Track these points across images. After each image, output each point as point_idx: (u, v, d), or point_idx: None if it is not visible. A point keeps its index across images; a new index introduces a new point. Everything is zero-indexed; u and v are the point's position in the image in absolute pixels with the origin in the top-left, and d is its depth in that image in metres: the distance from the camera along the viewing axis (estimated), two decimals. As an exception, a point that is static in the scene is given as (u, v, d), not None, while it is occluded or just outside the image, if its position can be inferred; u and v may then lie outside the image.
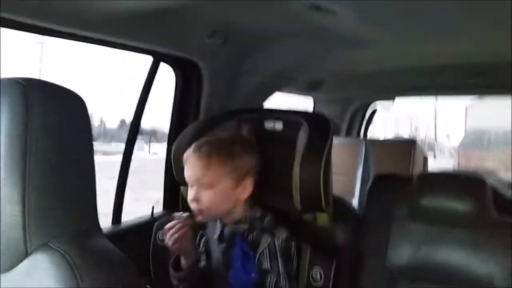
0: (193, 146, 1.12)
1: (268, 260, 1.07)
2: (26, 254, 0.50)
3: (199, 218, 1.10)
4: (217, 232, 1.15)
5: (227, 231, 1.12)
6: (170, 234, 1.07)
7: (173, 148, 1.30)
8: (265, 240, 1.08)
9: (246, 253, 1.08)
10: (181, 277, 1.10)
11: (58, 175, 0.52)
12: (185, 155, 1.12)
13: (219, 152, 1.09)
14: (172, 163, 1.29)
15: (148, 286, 1.20)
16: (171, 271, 1.11)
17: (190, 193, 1.09)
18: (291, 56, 1.63)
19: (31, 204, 0.49)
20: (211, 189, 1.08)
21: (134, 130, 1.48)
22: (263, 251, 1.08)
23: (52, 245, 0.50)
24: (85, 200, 0.56)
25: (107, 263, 0.53)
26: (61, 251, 0.49)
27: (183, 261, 1.10)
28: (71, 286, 0.47)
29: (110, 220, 1.45)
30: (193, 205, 1.09)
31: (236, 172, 1.09)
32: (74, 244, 0.51)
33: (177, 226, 1.07)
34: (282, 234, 1.10)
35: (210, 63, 1.51)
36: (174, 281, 1.12)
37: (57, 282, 0.48)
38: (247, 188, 1.11)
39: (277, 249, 1.08)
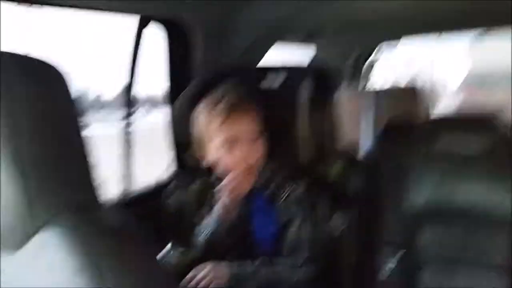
0: (225, 102, 1.07)
1: (289, 210, 1.08)
2: (34, 232, 0.48)
3: (248, 179, 1.07)
4: None
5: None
6: (233, 188, 1.05)
7: (172, 111, 1.26)
8: (285, 192, 1.09)
9: (267, 207, 1.09)
10: (234, 232, 1.08)
11: (50, 147, 0.49)
12: (220, 113, 1.06)
13: (255, 104, 1.09)
14: (173, 127, 1.26)
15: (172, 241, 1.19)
16: (221, 229, 1.08)
17: (239, 150, 1.05)
18: (286, 4, 1.55)
19: (31, 179, 0.47)
20: (257, 142, 1.07)
21: (128, 96, 1.43)
22: (283, 202, 1.09)
23: (59, 220, 0.48)
24: (83, 170, 0.54)
25: (118, 231, 0.51)
26: (69, 225, 0.47)
27: (226, 212, 1.08)
28: (83, 260, 0.45)
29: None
30: (244, 162, 1.05)
31: (263, 125, 1.10)
32: (81, 217, 0.49)
33: (241, 178, 1.05)
34: (300, 185, 1.10)
35: (202, 20, 1.44)
36: None
37: (68, 257, 0.46)
38: (267, 141, 1.11)
39: (297, 198, 1.08)
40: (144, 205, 1.43)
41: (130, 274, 0.47)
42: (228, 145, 1.07)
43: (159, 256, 0.60)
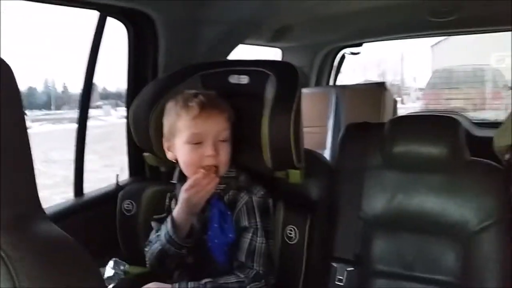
0: (201, 99, 1.03)
1: (246, 217, 1.05)
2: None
3: (215, 180, 1.03)
4: None
5: None
6: (197, 188, 1.00)
7: (130, 111, 1.20)
8: (242, 199, 1.06)
9: (224, 213, 1.05)
10: (187, 244, 1.03)
11: None
12: (194, 108, 1.02)
13: (229, 105, 1.08)
14: (131, 128, 1.20)
15: (115, 259, 1.16)
16: (176, 239, 1.02)
17: (207, 149, 1.02)
18: (253, 3, 1.51)
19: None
20: (227, 143, 1.06)
21: (86, 94, 1.36)
22: (240, 208, 1.05)
23: None
24: (21, 179, 0.49)
25: (49, 251, 0.47)
26: None
27: (183, 222, 1.03)
28: (5, 284, 0.41)
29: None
30: (211, 161, 1.02)
31: (232, 127, 1.09)
32: (8, 233, 0.44)
33: (208, 178, 1.00)
34: (259, 192, 1.08)
35: (165, 13, 1.38)
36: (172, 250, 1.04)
37: None
38: (233, 145, 1.11)
39: (255, 205, 1.05)
40: (100, 207, 1.36)
41: None
42: (195, 142, 1.03)
43: (99, 274, 0.54)
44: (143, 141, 1.18)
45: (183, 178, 1.14)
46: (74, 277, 0.46)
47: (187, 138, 1.03)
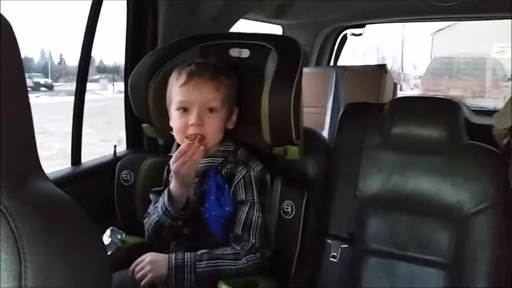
0: (192, 67, 1.04)
1: (243, 190, 1.05)
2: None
3: (199, 150, 1.01)
4: None
5: (199, 166, 1.06)
6: (184, 158, 0.98)
7: (129, 81, 1.19)
8: (240, 172, 1.06)
9: (221, 186, 1.05)
10: (183, 216, 1.03)
11: None
12: (181, 77, 1.03)
13: (224, 75, 1.06)
14: (130, 98, 1.19)
15: (112, 227, 1.16)
16: (172, 211, 1.02)
17: (191, 118, 1.01)
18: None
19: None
20: (216, 113, 1.04)
21: (84, 65, 1.34)
22: (238, 182, 1.05)
23: None
24: (20, 136, 0.49)
25: (49, 208, 0.46)
26: None
27: (178, 194, 1.02)
28: (7, 238, 0.40)
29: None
30: (194, 129, 1.01)
31: (234, 99, 1.09)
32: (8, 190, 0.44)
33: (193, 147, 0.98)
34: (257, 166, 1.08)
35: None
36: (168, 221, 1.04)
37: None
38: (234, 117, 1.11)
39: (253, 179, 1.05)
40: (97, 177, 1.36)
41: (56, 259, 0.42)
42: (183, 109, 1.03)
43: (98, 233, 0.54)
44: (142, 112, 1.17)
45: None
46: (74, 233, 0.46)
47: (175, 105, 1.05)
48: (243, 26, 1.94)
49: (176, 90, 1.04)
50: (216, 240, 1.04)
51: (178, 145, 1.16)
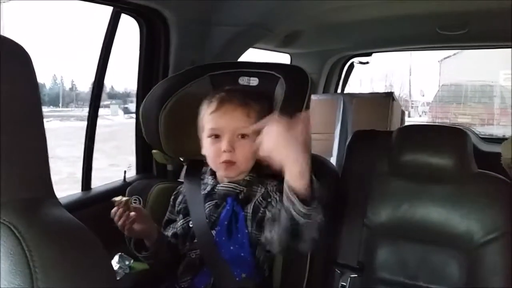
0: (222, 94, 1.05)
1: (264, 204, 1.02)
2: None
3: (229, 173, 1.03)
4: (207, 189, 1.09)
5: (220, 189, 1.06)
6: (115, 222, 1.00)
7: (141, 108, 1.21)
8: (257, 192, 1.05)
9: (237, 214, 1.04)
10: (147, 257, 1.05)
11: (1, 135, 0.45)
12: (212, 104, 1.04)
13: (255, 101, 1.05)
14: (141, 124, 1.21)
15: (121, 253, 1.16)
16: (133, 251, 1.05)
17: (223, 144, 1.01)
18: (266, 4, 1.52)
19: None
20: (247, 140, 1.02)
21: (97, 91, 1.37)
22: (256, 200, 1.04)
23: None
24: (35, 164, 0.50)
25: (62, 234, 0.47)
26: (7, 223, 0.43)
27: (145, 240, 1.04)
28: (20, 261, 0.42)
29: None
30: (225, 156, 1.01)
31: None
32: (23, 215, 0.45)
33: (118, 213, 0.99)
34: (272, 182, 1.06)
35: (178, 12, 1.39)
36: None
37: (4, 260, 0.42)
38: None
39: (271, 193, 1.03)
40: (107, 203, 1.37)
41: (66, 279, 0.43)
42: (215, 136, 1.03)
43: (109, 261, 0.55)
44: (152, 138, 1.19)
45: (190, 176, 1.15)
46: (85, 259, 0.46)
47: (207, 132, 1.05)
48: (252, 55, 1.98)
49: (207, 118, 1.05)
50: (224, 266, 1.03)
51: (187, 171, 1.17)
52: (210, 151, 1.05)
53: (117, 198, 1.01)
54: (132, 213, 0.98)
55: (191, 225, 1.07)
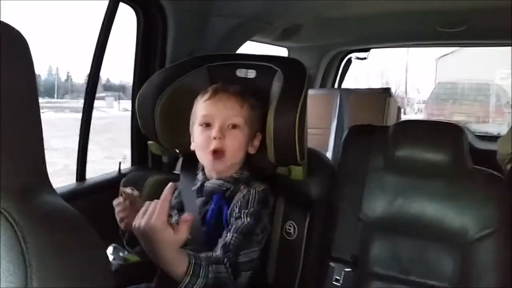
0: (216, 85, 1.06)
1: (240, 208, 1.01)
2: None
3: (217, 166, 1.03)
4: (197, 184, 1.09)
5: (208, 186, 1.06)
6: (116, 212, 1.00)
7: (137, 98, 1.20)
8: (241, 192, 1.04)
9: (222, 209, 1.03)
10: (140, 252, 1.03)
11: (5, 122, 0.45)
12: (207, 93, 1.05)
13: (249, 94, 1.07)
14: (137, 115, 1.20)
15: (115, 244, 1.15)
16: (125, 246, 1.05)
17: (213, 131, 1.01)
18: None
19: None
20: (238, 130, 1.03)
21: (92, 82, 1.36)
22: (237, 201, 1.03)
23: None
24: (30, 152, 0.50)
25: (56, 221, 0.47)
26: (1, 210, 0.43)
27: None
28: (14, 249, 0.41)
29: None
30: (215, 144, 1.01)
31: (256, 122, 1.08)
32: (18, 202, 0.45)
33: (123, 205, 1.00)
34: (258, 186, 1.05)
35: (176, 3, 1.38)
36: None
37: None
38: (257, 142, 1.09)
39: (251, 197, 1.02)
40: (101, 194, 1.36)
41: (60, 267, 0.43)
42: (206, 124, 1.03)
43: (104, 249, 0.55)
44: (148, 129, 1.18)
45: (186, 168, 1.14)
46: (81, 246, 0.46)
47: (199, 120, 1.05)
48: (249, 47, 1.97)
49: (201, 106, 1.05)
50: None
51: (183, 163, 1.17)
52: (199, 139, 1.04)
53: (128, 190, 1.00)
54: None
55: None
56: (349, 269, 1.20)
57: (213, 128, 1.02)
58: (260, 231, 1.00)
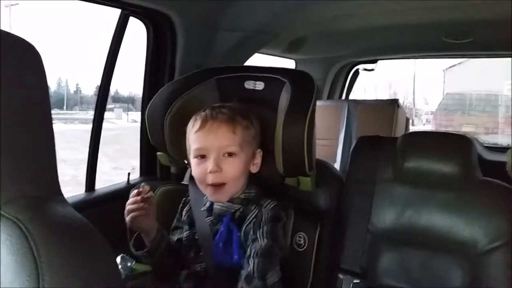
0: (207, 111, 1.01)
1: (255, 230, 1.00)
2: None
3: (219, 198, 1.01)
4: (206, 204, 1.07)
5: (216, 208, 1.04)
6: (127, 208, 0.98)
7: (147, 110, 1.22)
8: (252, 212, 1.01)
9: (231, 232, 1.01)
10: (145, 255, 1.02)
11: (11, 133, 0.46)
12: (197, 122, 1.00)
13: (241, 116, 1.01)
14: (147, 126, 1.21)
15: (123, 254, 1.16)
16: (132, 249, 1.03)
17: (209, 164, 0.97)
18: (272, 10, 1.53)
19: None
20: (235, 158, 0.99)
21: (103, 94, 1.38)
22: (250, 222, 1.01)
23: (4, 212, 0.44)
24: (43, 162, 0.51)
25: (68, 231, 0.48)
26: (13, 218, 0.44)
27: (144, 237, 1.02)
28: (26, 257, 0.42)
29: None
30: (212, 178, 0.97)
31: (254, 140, 1.04)
32: (30, 211, 0.45)
33: (136, 198, 0.97)
34: (269, 204, 1.02)
35: (185, 16, 1.40)
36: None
37: (10, 254, 0.42)
38: (258, 160, 1.06)
39: (263, 219, 1.00)
40: (110, 204, 1.37)
41: (72, 276, 0.43)
42: (200, 157, 1.00)
43: (115, 259, 0.55)
44: (158, 140, 1.19)
45: (194, 180, 1.15)
46: (91, 256, 0.46)
47: (193, 153, 1.01)
48: (257, 60, 1.99)
49: (192, 137, 1.01)
50: (223, 282, 1.00)
51: (192, 175, 1.17)
52: (196, 172, 1.01)
53: (147, 186, 0.99)
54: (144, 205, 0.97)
55: (196, 237, 1.06)
56: (357, 281, 1.19)
57: (208, 160, 0.98)
58: (279, 249, 0.99)
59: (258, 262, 0.95)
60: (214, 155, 0.98)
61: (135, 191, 0.99)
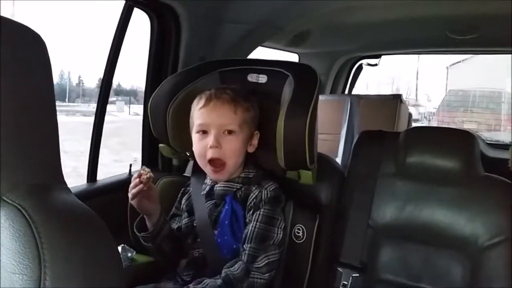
0: (212, 91, 1.07)
1: (253, 210, 1.04)
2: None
3: (218, 176, 1.06)
4: (206, 189, 1.10)
5: (218, 189, 1.08)
6: (130, 188, 1.02)
7: (150, 102, 1.22)
8: (253, 193, 1.05)
9: (236, 212, 1.05)
10: (145, 239, 1.06)
11: (15, 120, 0.46)
12: (201, 100, 1.06)
13: (243, 98, 1.07)
14: (149, 117, 1.21)
15: (123, 245, 1.17)
16: (134, 231, 1.07)
17: (209, 140, 1.03)
18: (276, 3, 1.52)
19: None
20: (234, 136, 1.05)
21: (106, 86, 1.38)
22: (251, 202, 1.05)
23: (7, 199, 0.44)
24: (46, 150, 0.51)
25: (71, 218, 0.48)
26: (17, 205, 0.44)
27: (147, 220, 1.06)
28: (29, 243, 0.42)
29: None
30: (212, 153, 1.03)
31: (253, 122, 1.10)
32: (33, 198, 0.46)
33: (136, 181, 1.01)
34: (270, 186, 1.07)
35: (189, 8, 1.40)
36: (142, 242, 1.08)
37: (13, 240, 0.42)
38: (255, 141, 1.12)
39: (263, 197, 1.04)
40: (112, 195, 1.38)
41: (74, 262, 0.43)
42: (202, 132, 1.05)
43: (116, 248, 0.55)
44: (160, 132, 1.19)
45: (196, 171, 1.15)
46: (94, 243, 0.47)
47: (195, 128, 1.07)
48: (261, 53, 1.98)
49: (196, 114, 1.07)
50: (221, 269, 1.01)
51: (194, 166, 1.18)
52: (197, 147, 1.06)
53: (147, 168, 1.02)
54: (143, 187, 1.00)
55: (195, 224, 1.08)
56: (357, 275, 1.19)
57: (209, 136, 1.04)
58: (275, 232, 1.03)
59: (250, 247, 1.00)
60: (215, 131, 1.04)
61: (136, 175, 1.02)
